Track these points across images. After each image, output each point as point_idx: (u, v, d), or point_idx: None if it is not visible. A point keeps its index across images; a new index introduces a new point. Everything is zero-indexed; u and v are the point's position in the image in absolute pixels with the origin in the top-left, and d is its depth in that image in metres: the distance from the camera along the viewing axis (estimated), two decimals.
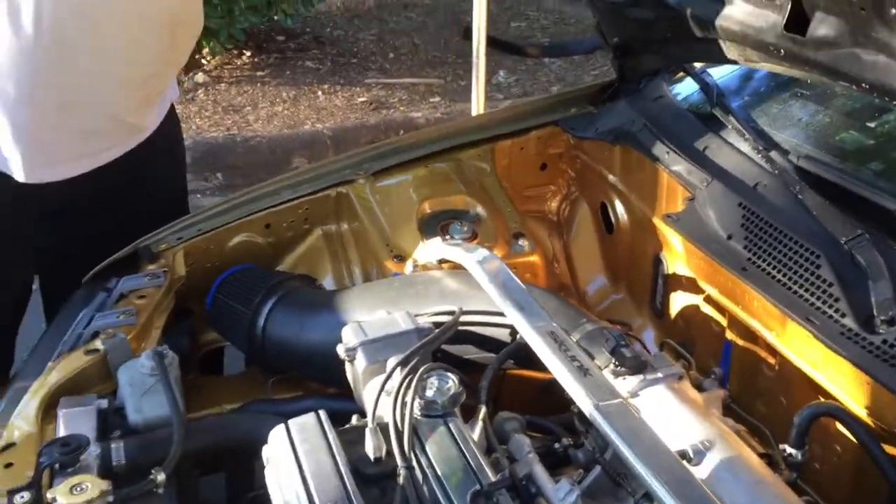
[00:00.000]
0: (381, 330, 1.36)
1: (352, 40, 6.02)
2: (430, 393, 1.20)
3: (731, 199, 1.52)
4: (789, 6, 1.34)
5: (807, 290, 1.32)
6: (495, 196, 2.00)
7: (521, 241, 1.88)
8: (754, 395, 1.47)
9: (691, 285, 1.72)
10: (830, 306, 1.27)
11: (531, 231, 2.07)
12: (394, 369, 1.23)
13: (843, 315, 1.25)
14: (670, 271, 1.81)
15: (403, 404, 1.16)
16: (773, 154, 1.59)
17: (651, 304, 1.94)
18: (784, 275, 1.36)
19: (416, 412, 1.17)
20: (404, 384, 1.18)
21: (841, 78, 1.23)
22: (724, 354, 1.59)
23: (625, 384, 1.32)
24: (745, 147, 1.67)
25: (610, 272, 2.10)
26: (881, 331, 1.20)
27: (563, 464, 1.30)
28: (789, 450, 1.23)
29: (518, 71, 5.58)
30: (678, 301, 1.80)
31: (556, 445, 1.31)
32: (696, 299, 1.71)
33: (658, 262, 1.88)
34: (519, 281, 1.46)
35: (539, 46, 6.04)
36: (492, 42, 4.11)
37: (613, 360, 1.32)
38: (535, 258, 1.91)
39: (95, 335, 1.52)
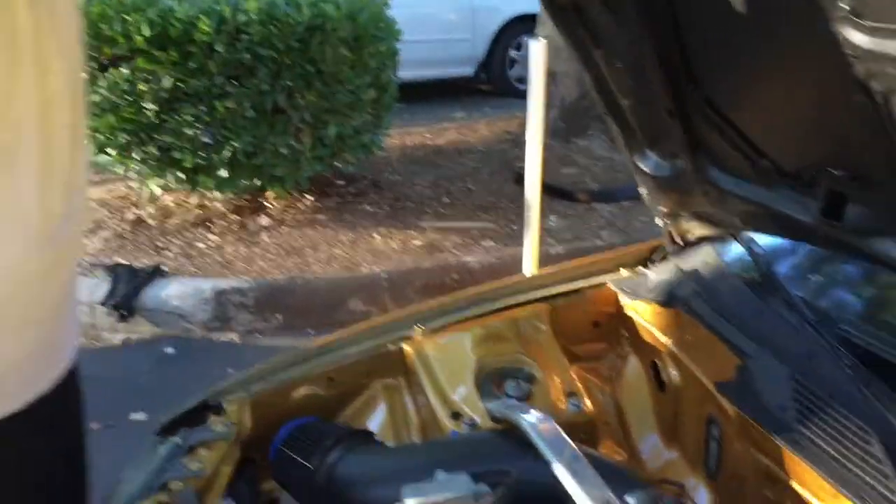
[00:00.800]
0: (441, 493, 1.41)
1: (408, 185, 6.27)
2: None
3: (783, 371, 1.56)
4: (825, 194, 1.43)
5: (858, 467, 1.34)
6: (550, 355, 2.07)
7: (575, 401, 1.93)
8: None
9: (745, 451, 1.74)
10: (882, 483, 1.29)
11: (585, 389, 2.12)
12: None
13: (894, 493, 1.27)
14: (723, 435, 1.83)
15: None
16: (823, 325, 1.64)
17: (705, 465, 1.95)
18: (836, 450, 1.39)
19: None
20: None
21: (877, 262, 1.29)
22: None
23: None
24: (794, 317, 1.72)
25: (663, 430, 2.12)
26: None
27: None
28: None
29: (568, 216, 5.73)
30: (732, 465, 1.81)
31: None
32: (751, 465, 1.72)
33: (711, 424, 1.90)
34: (573, 444, 1.51)
35: (589, 192, 6.24)
36: (546, 189, 4.27)
37: None
38: (589, 418, 1.95)
39: (164, 487, 1.59)
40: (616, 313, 2.23)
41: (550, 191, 5.97)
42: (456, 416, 1.83)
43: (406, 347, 2.01)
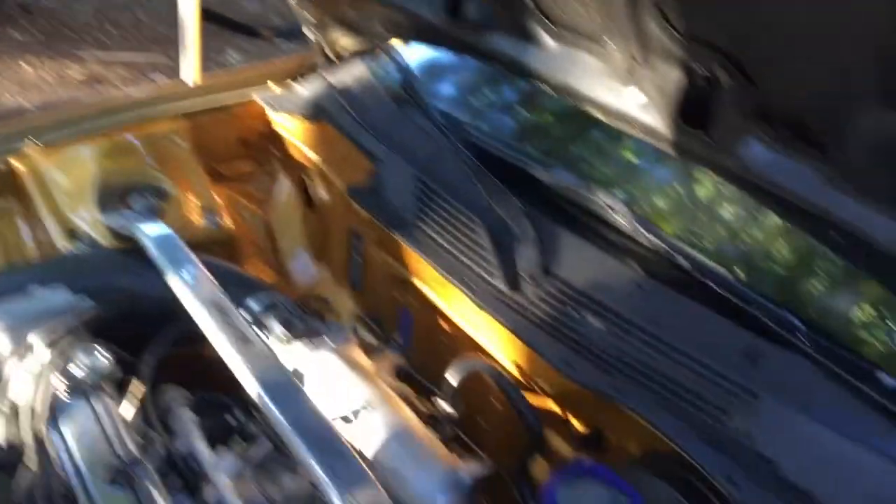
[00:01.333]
0: (31, 307, 1.26)
1: (66, 12, 5.55)
2: (76, 371, 1.13)
3: (409, 172, 1.57)
4: None
5: (466, 256, 1.39)
6: (188, 171, 1.93)
7: (213, 218, 1.83)
8: (432, 359, 1.53)
9: (380, 258, 1.76)
10: (485, 269, 1.35)
11: (230, 207, 2.03)
12: (34, 347, 1.14)
13: (493, 276, 1.33)
14: (364, 245, 1.85)
15: (42, 383, 1.08)
16: (452, 131, 1.66)
17: (349, 279, 1.97)
18: (449, 242, 1.43)
19: (59, 391, 1.10)
20: (46, 362, 1.10)
21: (488, 57, 1.30)
22: (405, 322, 1.64)
23: (293, 351, 1.32)
24: (427, 124, 1.72)
25: (312, 248, 2.10)
26: (525, 291, 1.29)
27: (247, 439, 1.28)
28: (447, 407, 1.29)
29: (250, 52, 5.45)
30: (371, 274, 1.84)
31: (230, 420, 1.29)
32: (385, 271, 1.75)
33: (354, 237, 1.91)
34: (190, 253, 1.41)
35: (273, 28, 5.95)
36: (212, 17, 3.95)
37: (283, 328, 1.33)
38: (229, 235, 1.87)
39: None
40: (264, 130, 2.12)
41: (233, 26, 5.61)
42: (73, 235, 1.65)
43: (15, 164, 1.76)
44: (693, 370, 1.12)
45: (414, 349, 1.59)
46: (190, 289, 1.33)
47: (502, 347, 1.37)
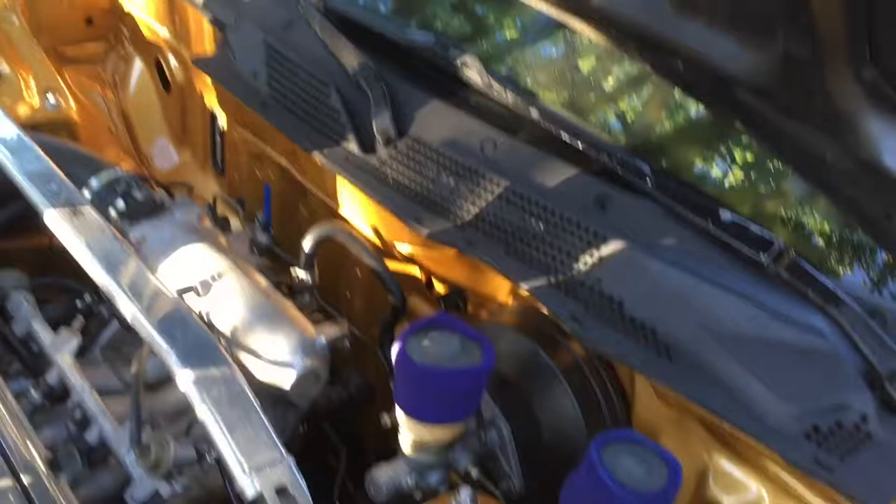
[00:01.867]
0: None
1: None
2: None
3: (257, 38, 1.48)
4: None
5: (319, 121, 1.33)
6: (24, 51, 1.79)
7: (55, 99, 1.71)
8: (293, 233, 1.48)
9: (239, 134, 1.68)
10: (338, 133, 1.30)
11: (80, 92, 1.90)
12: None
13: (347, 140, 1.28)
14: (223, 125, 1.76)
15: None
16: None
17: (212, 162, 1.89)
18: (300, 107, 1.36)
19: None
20: None
21: None
22: (266, 199, 1.59)
23: (138, 227, 1.26)
24: None
25: (172, 133, 2.00)
26: (379, 152, 1.25)
27: (96, 321, 1.22)
28: (302, 274, 1.26)
29: None
30: (232, 153, 1.76)
31: (78, 304, 1.23)
32: (245, 148, 1.68)
33: (213, 118, 1.82)
34: (21, 131, 1.31)
35: None
36: None
37: (125, 204, 1.26)
38: (73, 117, 1.75)
39: None
40: (111, 8, 1.98)
41: None
42: None
43: None
44: (545, 219, 1.11)
45: (275, 223, 1.54)
46: (20, 167, 1.23)
47: (361, 213, 1.33)
